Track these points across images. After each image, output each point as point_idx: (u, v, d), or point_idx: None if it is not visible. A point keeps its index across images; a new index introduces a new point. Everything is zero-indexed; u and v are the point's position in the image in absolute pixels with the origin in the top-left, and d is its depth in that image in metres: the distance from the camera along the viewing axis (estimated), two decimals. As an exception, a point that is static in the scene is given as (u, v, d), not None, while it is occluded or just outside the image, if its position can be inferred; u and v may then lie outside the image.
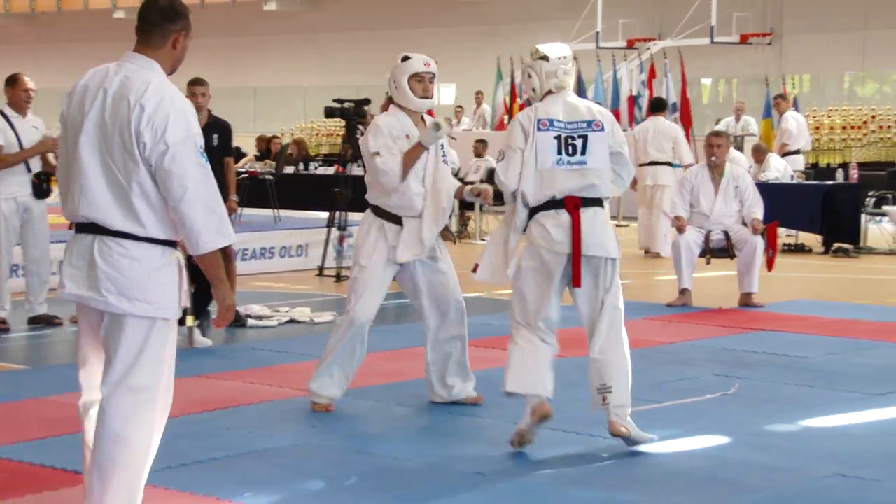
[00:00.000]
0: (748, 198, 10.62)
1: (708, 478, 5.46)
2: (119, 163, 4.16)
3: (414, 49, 7.31)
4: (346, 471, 5.50)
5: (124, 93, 4.15)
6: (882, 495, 5.20)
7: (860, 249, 15.02)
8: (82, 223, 4.25)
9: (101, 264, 4.19)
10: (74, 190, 4.22)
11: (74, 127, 4.24)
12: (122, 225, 4.18)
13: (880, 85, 24.94)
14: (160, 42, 4.26)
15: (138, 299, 4.19)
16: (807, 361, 8.13)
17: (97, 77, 4.26)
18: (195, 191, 4.15)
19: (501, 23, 27.63)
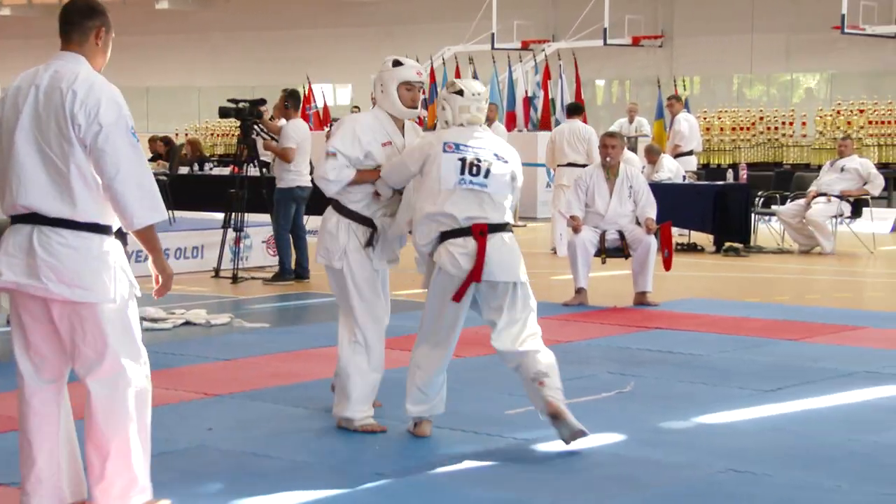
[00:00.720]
0: (642, 198, 10.72)
1: (604, 475, 5.50)
2: (56, 149, 4.36)
3: (310, 49, 7.26)
4: (242, 473, 5.45)
5: (56, 84, 4.38)
6: (772, 489, 5.28)
7: (750, 248, 15.22)
8: (20, 215, 4.41)
9: (41, 252, 4.36)
10: (12, 183, 4.41)
11: (9, 125, 4.45)
12: (60, 211, 4.36)
13: (767, 87, 25.37)
14: (82, 38, 4.50)
15: (77, 286, 4.36)
16: (700, 359, 8.23)
17: (28, 77, 4.49)
18: (128, 169, 4.35)
19: (397, 24, 27.61)
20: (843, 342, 8.87)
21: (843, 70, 23.69)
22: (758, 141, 21.21)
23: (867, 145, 19.51)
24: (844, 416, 6.69)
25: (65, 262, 4.37)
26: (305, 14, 28.76)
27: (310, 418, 6.53)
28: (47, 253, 4.38)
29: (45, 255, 4.37)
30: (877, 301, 11.66)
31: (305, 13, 28.75)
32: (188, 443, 5.88)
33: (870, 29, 21.89)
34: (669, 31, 25.24)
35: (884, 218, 17.63)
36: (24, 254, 4.40)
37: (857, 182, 15.26)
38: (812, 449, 5.94)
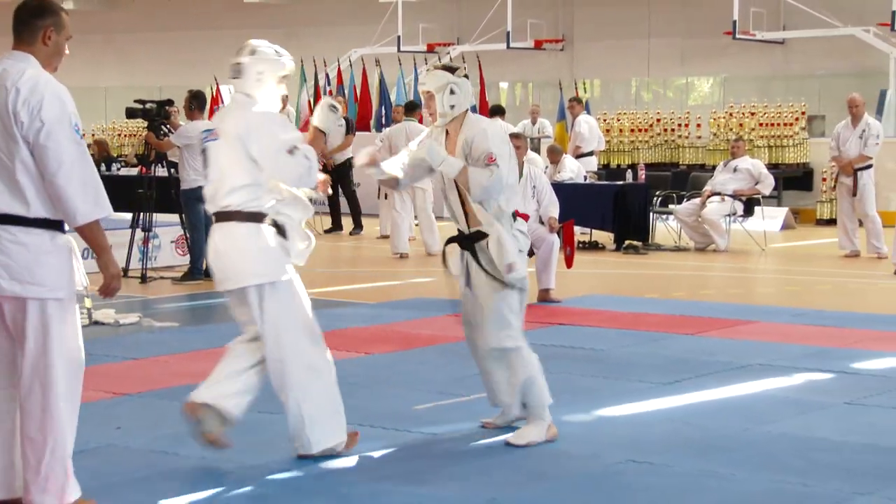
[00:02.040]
0: (545, 197, 10.77)
1: (509, 467, 5.53)
2: (2, 146, 4.33)
3: (216, 49, 7.20)
4: (150, 472, 5.40)
5: (2, 82, 4.34)
6: (670, 478, 5.35)
7: (649, 246, 15.35)
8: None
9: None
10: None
11: None
12: (9, 207, 4.31)
13: (664, 90, 25.63)
14: (31, 38, 4.45)
15: (29, 282, 4.32)
16: (601, 353, 8.31)
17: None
18: (70, 166, 4.30)
19: (300, 25, 27.40)
20: (737, 336, 9.01)
21: (735, 74, 24.03)
22: (655, 142, 21.43)
23: (758, 146, 19.80)
24: (739, 407, 6.79)
25: (15, 259, 4.32)
26: (209, 15, 28.44)
27: (219, 416, 6.47)
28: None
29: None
30: (767, 297, 11.86)
31: (209, 14, 28.43)
32: (97, 442, 5.80)
33: (759, 34, 22.23)
34: (570, 35, 25.40)
35: (774, 216, 17.90)
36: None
37: (749, 182, 15.48)
38: (708, 439, 6.03)
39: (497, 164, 5.75)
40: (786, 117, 20.11)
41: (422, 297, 11.11)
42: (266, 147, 5.31)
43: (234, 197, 5.36)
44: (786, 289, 12.40)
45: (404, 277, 12.83)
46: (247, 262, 5.35)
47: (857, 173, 14.44)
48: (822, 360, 8.02)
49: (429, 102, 5.97)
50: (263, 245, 5.36)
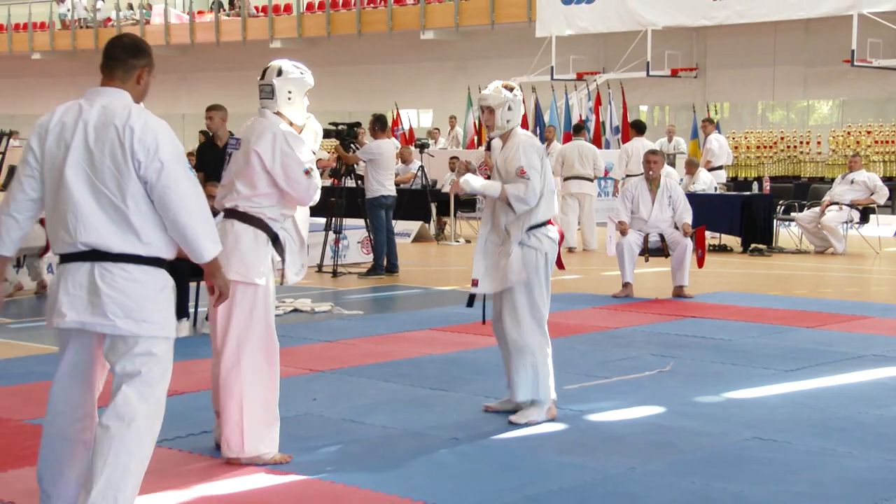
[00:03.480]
0: (679, 206, 10.65)
1: (647, 441, 5.47)
2: (111, 186, 3.78)
3: (397, 80, 7.23)
4: (342, 437, 5.49)
5: (108, 120, 3.79)
6: (791, 454, 5.22)
7: (772, 249, 15.07)
8: (77, 252, 3.82)
9: (105, 289, 3.79)
10: (68, 220, 3.81)
11: (56, 162, 3.83)
12: (124, 247, 3.80)
13: (787, 112, 25.02)
14: (125, 76, 3.92)
15: (144, 320, 3.83)
16: (729, 343, 8.15)
17: (71, 113, 3.87)
18: (192, 204, 3.82)
19: (470, 59, 27.62)
20: (853, 329, 8.74)
21: (852, 97, 23.31)
22: (779, 157, 20.94)
23: (874, 161, 19.18)
24: (854, 392, 6.59)
25: (130, 297, 3.81)
26: (393, 51, 28.87)
27: (399, 391, 6.56)
28: (112, 289, 3.80)
29: (109, 291, 3.79)
30: (882, 295, 11.46)
31: (391, 50, 28.87)
32: (297, 411, 5.93)
33: (876, 62, 21.55)
34: (703, 63, 25.00)
35: (888, 223, 17.34)
36: (85, 292, 3.81)
37: (865, 193, 15.05)
38: (826, 420, 5.86)
39: (528, 177, 5.65)
40: (899, 135, 19.41)
41: (571, 291, 11.07)
42: (286, 165, 4.91)
43: (238, 199, 4.97)
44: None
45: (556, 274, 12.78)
46: (228, 256, 4.74)
47: (966, 185, 13.93)
48: (932, 352, 7.73)
49: (488, 116, 5.89)
50: (249, 246, 4.91)
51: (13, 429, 5.56)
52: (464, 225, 17.70)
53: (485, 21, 26.99)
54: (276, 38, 30.42)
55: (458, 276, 12.43)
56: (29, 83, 36.49)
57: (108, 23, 34.43)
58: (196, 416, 5.70)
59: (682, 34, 24.25)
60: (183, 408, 5.88)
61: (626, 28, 23.76)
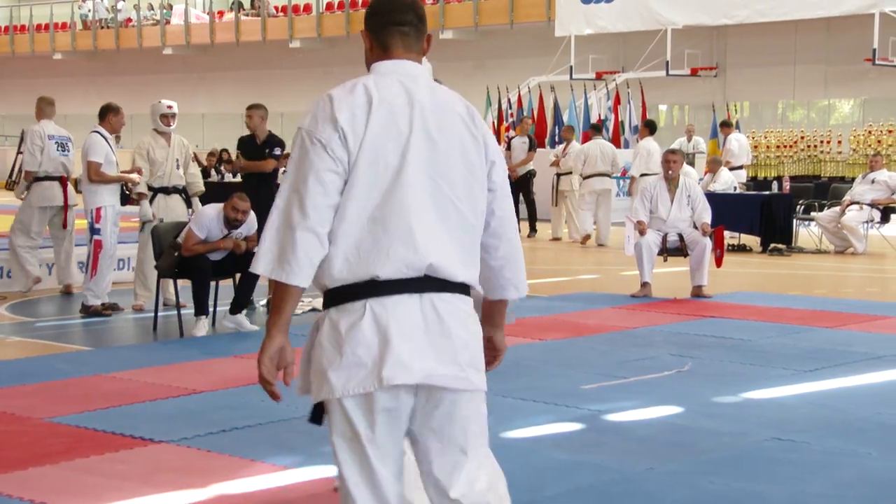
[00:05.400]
0: (698, 205, 10.63)
1: (665, 441, 5.46)
2: (461, 194, 2.77)
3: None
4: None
5: (446, 102, 2.81)
6: (810, 455, 5.20)
7: (792, 249, 15.02)
8: (406, 279, 2.67)
9: (457, 329, 2.70)
10: (410, 234, 2.67)
11: (386, 154, 2.70)
12: (464, 275, 2.75)
13: (807, 111, 24.92)
14: (419, 45, 2.89)
15: (478, 368, 2.77)
16: (748, 343, 8.13)
17: (393, 89, 2.76)
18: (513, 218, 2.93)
19: (486, 58, 27.61)
20: (873, 329, 8.70)
21: (873, 96, 23.19)
22: (799, 157, 20.86)
23: (895, 161, 19.07)
24: (874, 392, 6.56)
25: (475, 340, 2.76)
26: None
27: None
28: (462, 328, 2.71)
29: (461, 332, 2.70)
30: (903, 295, 11.40)
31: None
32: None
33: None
34: (723, 63, 24.92)
35: (909, 223, 17.24)
36: (423, 333, 2.65)
37: (886, 192, 14.99)
38: (846, 421, 5.84)
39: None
40: (920, 134, 19.32)
41: (589, 291, 11.06)
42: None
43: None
44: (919, 288, 11.90)
45: (574, 274, 12.78)
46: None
47: None
48: (953, 352, 7.68)
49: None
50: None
51: (34, 427, 5.59)
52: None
53: (504, 21, 26.98)
54: (295, 38, 30.51)
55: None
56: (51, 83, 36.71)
57: (128, 23, 34.60)
58: (215, 416, 5.73)
59: (702, 33, 24.17)
60: (202, 406, 5.90)
61: (645, 27, 23.71)
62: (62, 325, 9.09)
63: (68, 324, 9.14)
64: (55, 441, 5.33)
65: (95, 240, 9.33)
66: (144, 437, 5.33)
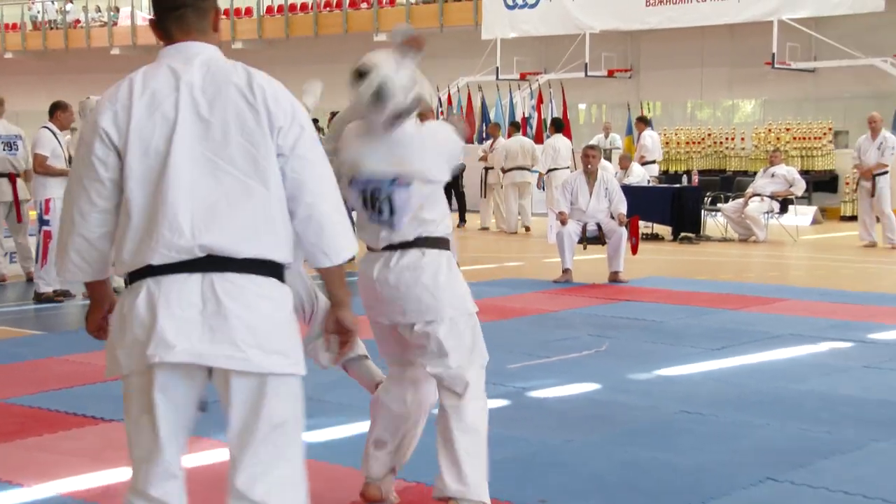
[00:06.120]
0: (615, 197, 10.72)
1: (583, 415, 5.52)
2: (244, 164, 2.60)
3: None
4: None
5: (222, 78, 2.63)
6: (716, 426, 5.29)
7: (700, 237, 15.17)
8: (184, 261, 2.54)
9: (234, 308, 2.52)
10: (179, 217, 2.54)
11: (153, 144, 2.61)
12: (254, 250, 2.57)
13: (714, 110, 25.21)
14: (200, 24, 2.70)
15: (276, 352, 2.57)
16: (660, 324, 8.23)
17: (160, 78, 2.65)
18: (330, 185, 2.71)
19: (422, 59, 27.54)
20: (773, 311, 8.86)
21: (773, 97, 23.55)
22: (706, 153, 21.11)
23: (792, 156, 19.38)
24: (773, 369, 6.69)
25: (264, 321, 2.55)
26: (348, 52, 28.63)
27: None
28: (245, 308, 2.52)
29: (241, 312, 2.51)
30: (799, 279, 11.63)
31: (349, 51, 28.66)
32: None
33: (794, 64, 21.80)
34: (637, 65, 25.13)
35: (805, 213, 17.54)
36: (201, 313, 2.51)
37: (785, 185, 15.21)
38: (747, 395, 5.95)
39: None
40: (815, 132, 19.69)
41: (514, 277, 11.11)
42: None
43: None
44: (814, 273, 12.14)
45: (501, 261, 12.84)
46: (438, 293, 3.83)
47: (875, 178, 14.19)
48: (845, 331, 7.85)
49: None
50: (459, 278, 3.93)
51: (-12, 408, 5.49)
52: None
53: (434, 24, 26.94)
54: (237, 39, 30.13)
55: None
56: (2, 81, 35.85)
57: (77, 24, 33.92)
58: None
59: (618, 38, 24.35)
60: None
61: (566, 31, 23.83)
62: (18, 311, 8.92)
63: (23, 309, 8.98)
64: (9, 420, 5.23)
65: (45, 230, 9.17)
66: (95, 416, 5.26)
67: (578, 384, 6.17)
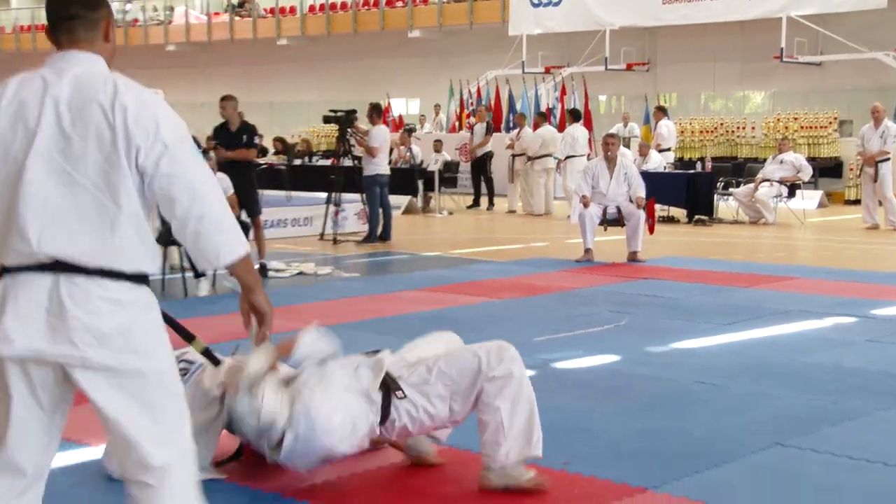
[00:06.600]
0: (634, 182, 10.66)
1: (604, 386, 5.49)
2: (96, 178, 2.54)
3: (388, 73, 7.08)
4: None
5: (88, 95, 2.56)
6: (728, 397, 5.25)
7: (713, 220, 15.09)
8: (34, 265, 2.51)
9: (74, 309, 2.47)
10: (28, 225, 2.52)
11: (13, 151, 2.59)
12: (101, 260, 2.51)
13: (726, 101, 24.98)
14: (87, 34, 2.64)
15: (127, 350, 2.50)
16: (676, 301, 8.18)
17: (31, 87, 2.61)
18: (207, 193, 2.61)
19: (451, 55, 27.43)
20: (782, 289, 8.77)
21: (781, 89, 23.30)
22: (719, 141, 20.93)
23: (800, 144, 19.17)
24: (783, 342, 6.62)
25: (104, 322, 2.46)
26: (385, 47, 28.66)
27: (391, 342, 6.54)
28: (84, 310, 2.45)
29: (79, 313, 2.45)
30: (806, 259, 11.52)
31: (385, 47, 28.65)
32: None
33: (801, 58, 21.54)
34: (654, 59, 24.92)
35: (811, 198, 17.35)
36: (45, 312, 2.45)
37: (793, 171, 15.08)
38: (758, 367, 5.89)
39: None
40: (821, 122, 19.49)
41: (539, 256, 11.08)
42: None
43: None
44: (820, 253, 12.01)
45: (526, 242, 12.80)
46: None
47: (878, 164, 14.07)
48: (849, 307, 7.76)
49: None
50: None
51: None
52: (447, 199, 17.65)
53: (464, 21, 26.85)
54: (282, 36, 30.18)
55: (442, 243, 12.42)
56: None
57: (135, 23, 34.07)
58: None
59: (636, 34, 24.14)
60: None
61: (587, 28, 23.67)
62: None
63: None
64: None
65: None
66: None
67: (600, 356, 6.14)
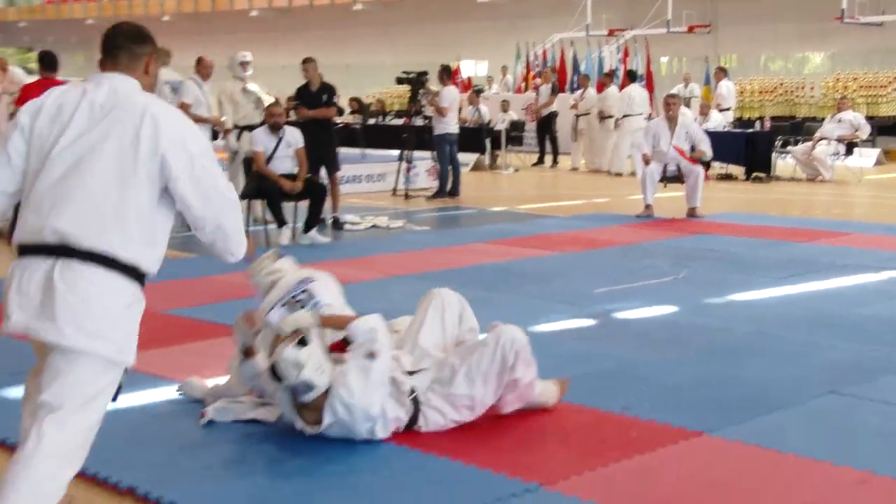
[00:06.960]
0: (697, 137, 10.50)
1: (664, 335, 5.44)
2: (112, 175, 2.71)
3: (458, 36, 7.03)
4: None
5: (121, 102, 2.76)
6: (784, 345, 5.16)
7: (771, 177, 14.76)
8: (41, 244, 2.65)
9: (62, 288, 2.58)
10: (42, 204, 2.69)
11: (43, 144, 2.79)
12: (98, 243, 2.63)
13: (786, 62, 24.30)
14: (130, 63, 2.82)
15: (99, 336, 2.60)
16: (733, 255, 8.04)
17: (71, 94, 2.82)
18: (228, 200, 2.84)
19: (518, 18, 27.11)
20: (838, 244, 8.56)
21: (841, 49, 22.56)
22: (778, 101, 20.41)
23: (858, 103, 18.59)
24: (839, 295, 6.48)
25: (89, 306, 2.58)
26: (456, 12, 28.43)
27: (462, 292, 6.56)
28: (70, 291, 2.57)
29: (66, 293, 2.56)
30: (862, 215, 11.21)
31: (456, 11, 28.43)
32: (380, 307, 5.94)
33: (862, 19, 20.78)
34: (715, 22, 24.31)
35: (869, 155, 16.87)
36: (38, 290, 2.58)
37: (850, 130, 14.65)
38: (814, 318, 5.78)
39: None
40: (881, 81, 18.88)
41: (601, 212, 10.97)
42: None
43: None
44: (877, 209, 11.68)
45: (590, 197, 12.67)
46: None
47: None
48: (905, 263, 7.56)
49: None
50: None
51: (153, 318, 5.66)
52: (513, 157, 17.53)
53: (532, -14, 26.52)
54: (358, 2, 30.12)
55: (508, 198, 12.36)
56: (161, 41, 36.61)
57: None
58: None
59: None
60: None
61: (650, -9, 23.19)
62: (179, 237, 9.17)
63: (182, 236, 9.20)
64: (171, 329, 5.40)
65: None
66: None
67: (658, 307, 6.07)
